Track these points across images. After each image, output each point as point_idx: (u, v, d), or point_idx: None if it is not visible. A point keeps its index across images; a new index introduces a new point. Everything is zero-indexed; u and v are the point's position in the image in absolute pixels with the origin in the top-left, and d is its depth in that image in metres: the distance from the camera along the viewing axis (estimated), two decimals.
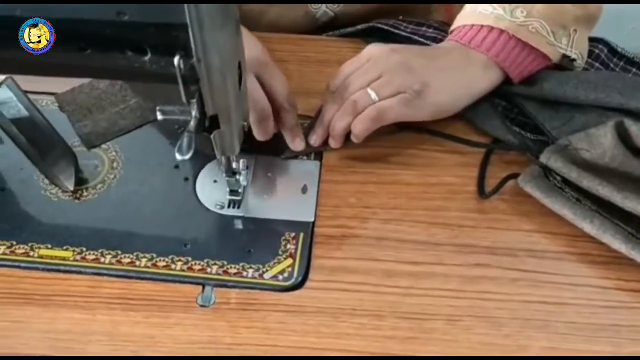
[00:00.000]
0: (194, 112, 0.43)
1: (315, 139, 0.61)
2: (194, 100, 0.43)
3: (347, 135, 0.59)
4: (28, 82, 0.60)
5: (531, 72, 0.63)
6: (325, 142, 0.61)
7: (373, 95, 0.57)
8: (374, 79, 0.58)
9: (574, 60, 0.63)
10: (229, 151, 0.51)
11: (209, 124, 0.46)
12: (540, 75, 0.62)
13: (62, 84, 0.65)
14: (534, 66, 0.62)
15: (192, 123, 0.44)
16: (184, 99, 0.42)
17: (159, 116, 0.46)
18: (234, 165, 0.55)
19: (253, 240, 0.55)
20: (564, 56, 0.63)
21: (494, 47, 0.60)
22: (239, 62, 0.45)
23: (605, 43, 0.68)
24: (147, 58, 0.41)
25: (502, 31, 0.60)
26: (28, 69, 0.41)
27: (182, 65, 0.40)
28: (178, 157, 0.43)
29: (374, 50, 0.61)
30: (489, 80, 0.62)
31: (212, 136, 0.47)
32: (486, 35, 0.61)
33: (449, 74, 0.60)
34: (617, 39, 0.69)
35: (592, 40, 0.68)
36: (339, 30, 0.75)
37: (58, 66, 0.42)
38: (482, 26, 0.61)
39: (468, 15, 0.63)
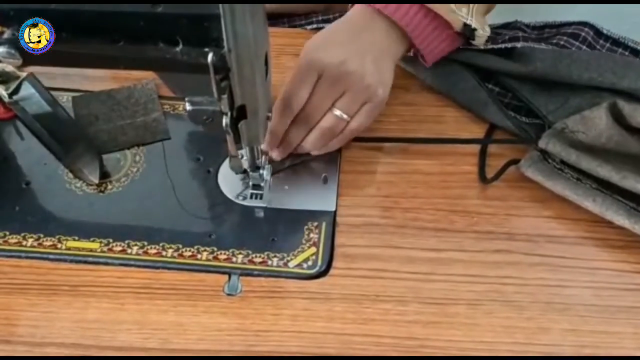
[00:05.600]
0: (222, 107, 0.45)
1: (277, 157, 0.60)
2: (225, 96, 0.44)
3: None
4: (49, 79, 0.61)
5: (433, 41, 0.62)
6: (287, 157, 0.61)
7: (344, 116, 0.58)
8: (337, 98, 0.58)
9: (475, 30, 0.62)
10: (254, 141, 0.52)
11: (236, 114, 0.47)
12: (536, 55, 0.62)
13: (83, 82, 0.67)
14: (436, 34, 0.62)
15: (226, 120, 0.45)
16: (215, 94, 0.43)
17: (188, 107, 0.47)
18: (257, 161, 0.56)
19: (276, 229, 0.56)
20: (466, 26, 0.62)
21: (399, 11, 0.59)
22: (266, 53, 0.46)
23: (591, 26, 0.68)
24: (178, 49, 0.42)
25: None
26: (61, 59, 0.42)
27: (213, 57, 0.41)
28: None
29: (319, 62, 0.57)
30: (401, 47, 0.62)
31: (239, 126, 0.48)
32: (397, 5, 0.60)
33: (383, 63, 0.60)
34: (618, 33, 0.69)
35: (578, 24, 0.68)
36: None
37: (91, 57, 0.43)
38: None
39: None
